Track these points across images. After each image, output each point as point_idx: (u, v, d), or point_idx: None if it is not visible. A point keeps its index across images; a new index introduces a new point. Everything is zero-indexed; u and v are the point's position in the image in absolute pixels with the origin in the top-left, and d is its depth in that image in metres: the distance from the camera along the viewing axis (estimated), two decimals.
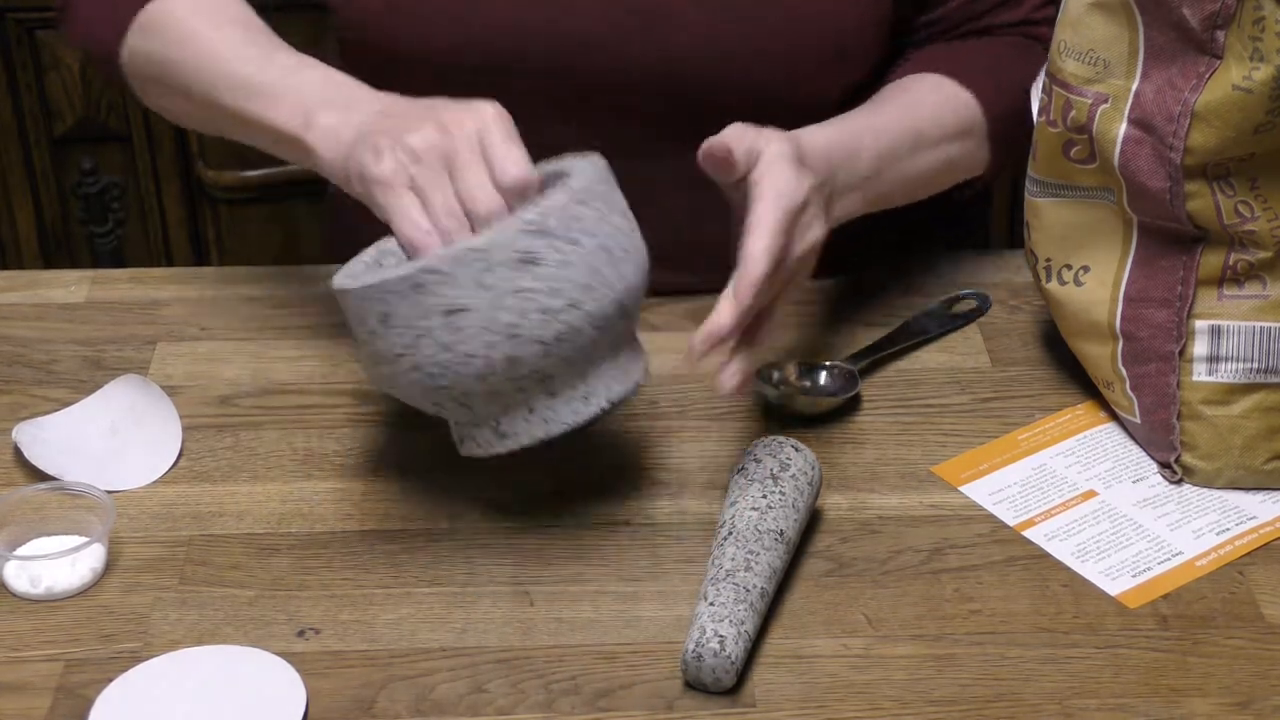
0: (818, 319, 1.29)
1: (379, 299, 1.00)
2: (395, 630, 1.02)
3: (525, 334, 0.99)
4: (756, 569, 1.01)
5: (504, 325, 0.99)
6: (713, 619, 0.97)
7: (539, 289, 0.99)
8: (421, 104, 1.08)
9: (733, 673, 0.97)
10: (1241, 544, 1.08)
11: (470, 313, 0.98)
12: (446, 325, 0.99)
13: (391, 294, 0.99)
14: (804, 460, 1.07)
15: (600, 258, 1.01)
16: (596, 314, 1.01)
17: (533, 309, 0.99)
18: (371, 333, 1.01)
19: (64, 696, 0.97)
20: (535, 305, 0.99)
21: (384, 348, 1.01)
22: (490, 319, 0.99)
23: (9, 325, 1.29)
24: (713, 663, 0.96)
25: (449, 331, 0.99)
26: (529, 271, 0.99)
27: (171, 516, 1.10)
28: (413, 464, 1.15)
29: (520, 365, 1.00)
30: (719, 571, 1.00)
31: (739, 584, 0.99)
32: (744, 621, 0.98)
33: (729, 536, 1.02)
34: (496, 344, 0.99)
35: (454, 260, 0.98)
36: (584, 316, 1.00)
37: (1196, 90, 1.04)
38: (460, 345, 0.99)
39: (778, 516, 1.04)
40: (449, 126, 1.03)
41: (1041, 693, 0.97)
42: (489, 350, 0.99)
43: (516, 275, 0.98)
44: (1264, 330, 1.09)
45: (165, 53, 1.22)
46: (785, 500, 1.05)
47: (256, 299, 1.32)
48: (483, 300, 0.98)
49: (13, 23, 2.02)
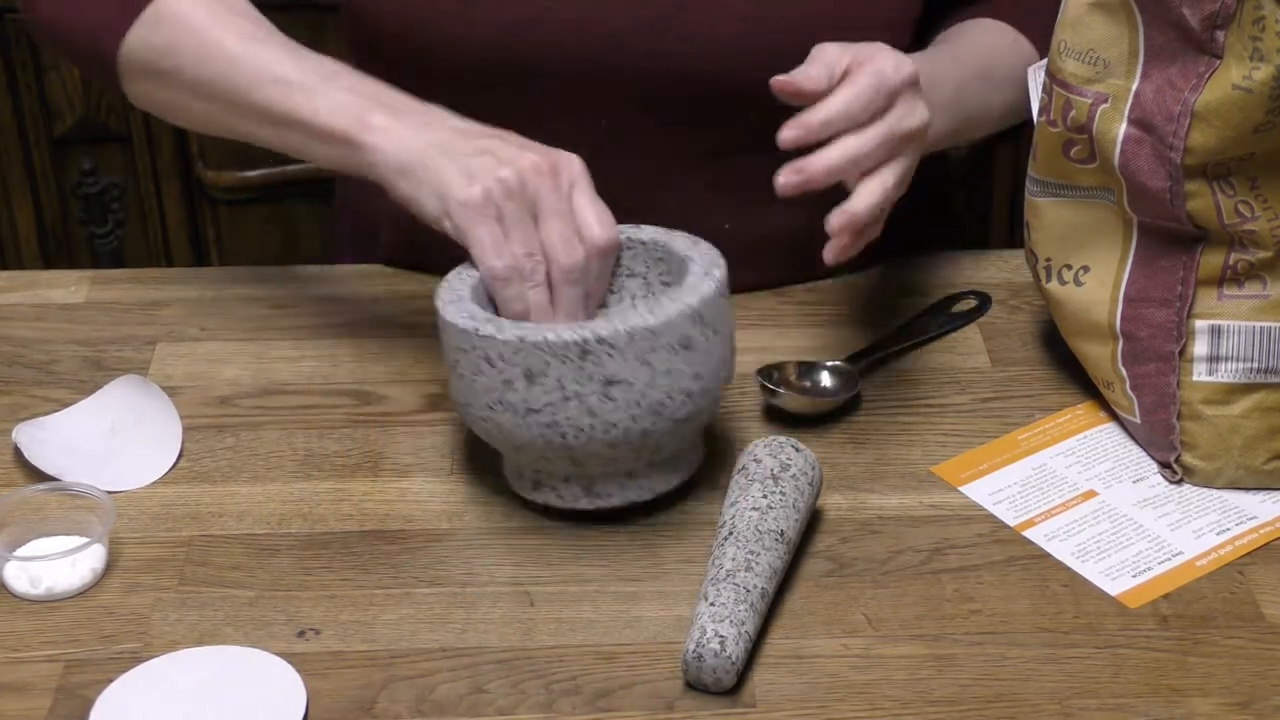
0: (818, 319, 1.29)
1: (535, 355, 1.02)
2: (395, 630, 1.02)
3: (666, 413, 1.05)
4: (757, 569, 1.01)
5: (652, 402, 1.04)
6: (713, 619, 0.97)
7: (686, 372, 1.05)
8: (498, 133, 1.10)
9: (733, 673, 0.97)
10: (1242, 544, 1.08)
11: (627, 386, 1.03)
12: (601, 394, 1.03)
13: (554, 355, 1.01)
14: (804, 460, 1.08)
15: (729, 347, 1.09)
16: (716, 397, 1.09)
17: (678, 390, 1.05)
18: (507, 382, 1.03)
19: (64, 697, 0.97)
20: (680, 387, 1.05)
21: (517, 400, 1.03)
22: (642, 395, 1.03)
23: (9, 326, 1.29)
24: (713, 663, 0.96)
25: (601, 400, 1.03)
26: (683, 355, 1.04)
27: (171, 517, 1.10)
28: (413, 464, 1.15)
29: (648, 438, 1.05)
30: (719, 572, 1.00)
31: (739, 584, 0.99)
32: (744, 622, 0.98)
33: (729, 537, 1.02)
34: (639, 418, 1.04)
35: (627, 336, 1.02)
36: (709, 400, 1.08)
37: (1196, 90, 1.04)
38: (607, 415, 1.03)
39: (778, 517, 1.04)
40: (542, 169, 1.06)
41: (1041, 693, 0.97)
42: (631, 423, 1.04)
43: (673, 357, 1.04)
44: (1264, 330, 1.09)
45: (176, 46, 1.21)
46: (785, 500, 1.05)
47: (256, 299, 1.32)
48: (641, 377, 1.03)
49: (12, 23, 2.02)
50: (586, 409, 1.03)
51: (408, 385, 1.22)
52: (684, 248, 1.11)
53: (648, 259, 1.14)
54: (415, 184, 1.08)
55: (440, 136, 1.09)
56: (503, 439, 1.07)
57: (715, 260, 1.09)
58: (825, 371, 1.21)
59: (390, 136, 1.10)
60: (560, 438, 1.04)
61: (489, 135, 1.10)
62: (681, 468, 1.11)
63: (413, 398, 1.21)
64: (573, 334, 1.02)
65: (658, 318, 1.03)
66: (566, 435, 1.04)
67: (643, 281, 1.14)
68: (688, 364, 1.05)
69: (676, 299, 1.05)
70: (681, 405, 1.05)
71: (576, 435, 1.04)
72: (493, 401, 1.04)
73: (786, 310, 1.30)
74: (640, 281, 1.14)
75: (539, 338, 1.02)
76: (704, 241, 1.12)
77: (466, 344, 1.04)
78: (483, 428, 1.07)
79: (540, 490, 1.09)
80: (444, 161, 1.08)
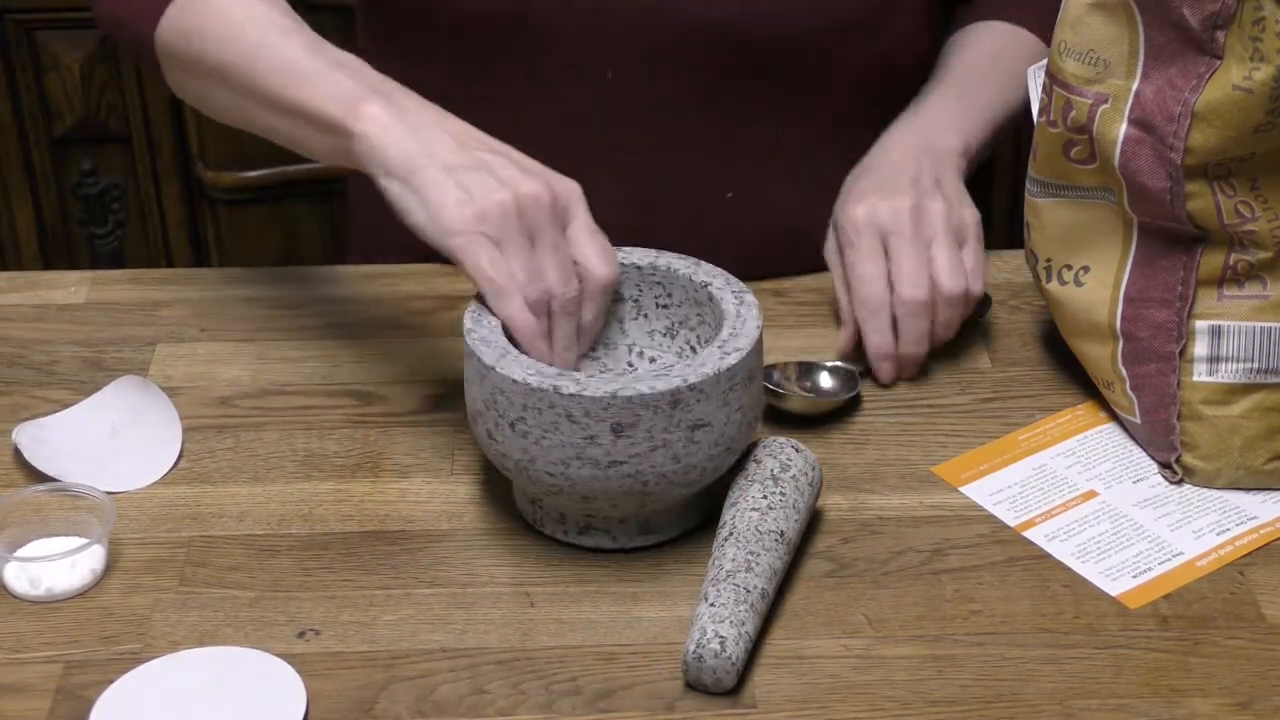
0: (818, 319, 1.29)
1: (625, 409, 0.99)
2: (396, 631, 1.02)
3: (735, 447, 1.05)
4: (757, 570, 1.01)
5: (727, 439, 1.04)
6: (713, 620, 0.97)
7: (749, 404, 1.05)
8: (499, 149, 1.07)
9: (733, 673, 0.96)
10: (1242, 544, 1.08)
11: (709, 429, 1.02)
12: (687, 439, 1.01)
13: (646, 407, 1.00)
14: (804, 461, 1.07)
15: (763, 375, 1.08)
16: (758, 424, 1.07)
17: (743, 423, 1.05)
18: (590, 437, 1.00)
19: (64, 698, 0.97)
20: (745, 419, 1.05)
21: (599, 454, 1.00)
22: (720, 434, 1.03)
23: (9, 326, 1.29)
24: (713, 663, 0.96)
25: (686, 445, 1.02)
26: (749, 388, 1.04)
27: (171, 518, 1.10)
28: (413, 465, 1.15)
29: (713, 474, 1.05)
30: (719, 572, 1.00)
31: (739, 585, 0.99)
32: (744, 622, 0.98)
33: (729, 537, 1.02)
34: (715, 456, 1.04)
35: (714, 379, 1.01)
36: (755, 428, 1.07)
37: (1197, 90, 1.04)
38: (689, 458, 1.02)
39: (778, 517, 1.04)
40: (542, 200, 1.03)
41: (1042, 693, 0.97)
42: (708, 462, 1.03)
43: (743, 392, 1.04)
44: (1264, 330, 1.09)
45: (203, 31, 1.19)
46: (786, 501, 1.05)
47: (256, 300, 1.32)
48: (720, 417, 1.02)
49: (12, 23, 2.02)
50: (672, 456, 1.01)
51: (408, 386, 1.22)
52: (687, 270, 1.10)
53: (640, 283, 1.12)
54: (403, 188, 1.05)
55: (435, 140, 1.06)
56: (570, 493, 1.03)
57: (735, 283, 1.08)
58: (825, 372, 1.21)
59: (381, 127, 1.06)
60: (640, 485, 1.02)
61: (489, 149, 1.07)
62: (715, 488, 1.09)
63: (413, 398, 1.21)
64: (665, 384, 1.00)
65: (733, 357, 1.02)
66: (647, 483, 1.02)
67: (634, 305, 1.12)
68: (750, 395, 1.04)
69: (739, 333, 1.04)
70: (744, 437, 1.05)
71: (658, 481, 1.02)
72: (568, 458, 1.01)
73: (786, 310, 1.30)
74: (631, 305, 1.12)
75: (633, 392, 0.99)
76: (704, 262, 1.10)
77: (541, 403, 1.00)
78: (546, 483, 1.03)
79: (590, 535, 1.07)
80: (437, 173, 1.04)
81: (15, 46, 2.03)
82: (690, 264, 1.11)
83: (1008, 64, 1.29)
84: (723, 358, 1.02)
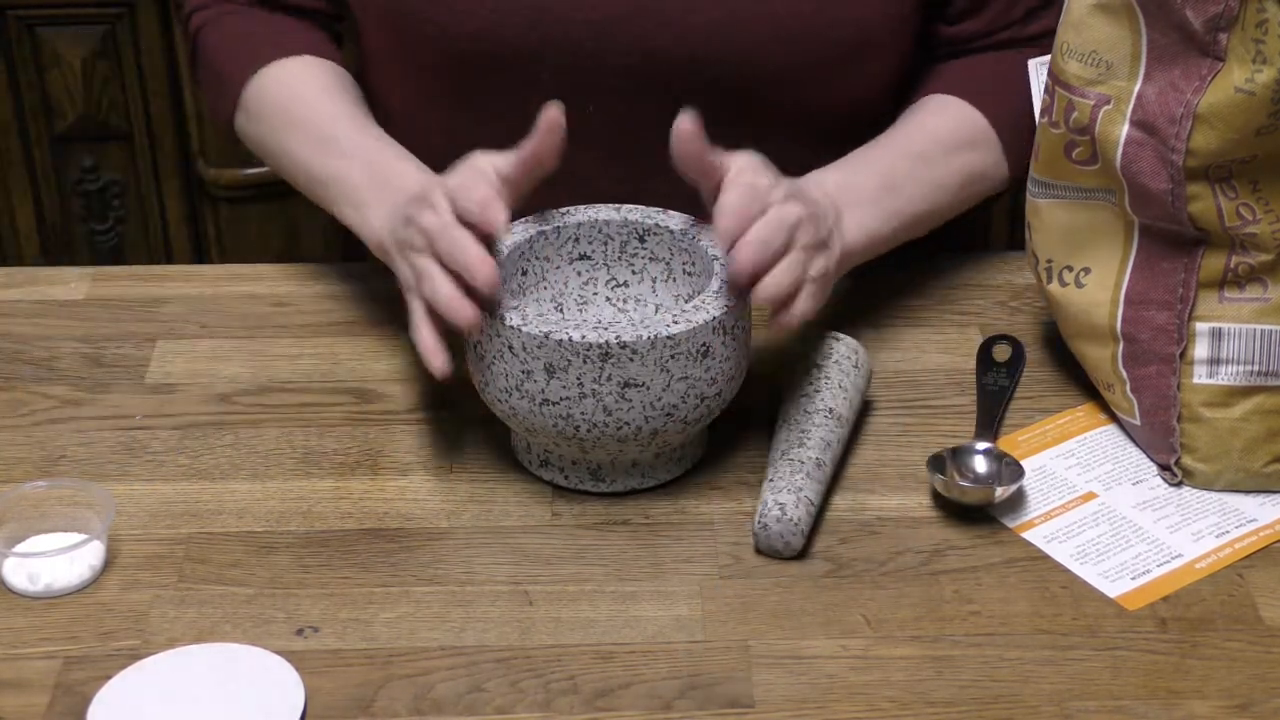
0: (817, 319, 1.29)
1: (557, 351, 1.04)
2: (394, 629, 1.02)
3: (678, 415, 1.07)
4: (809, 444, 1.08)
5: (666, 405, 1.06)
6: (772, 491, 1.05)
7: (703, 378, 1.07)
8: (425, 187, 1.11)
9: (799, 534, 1.04)
10: (1241, 546, 1.08)
11: (643, 389, 1.05)
12: (618, 395, 1.04)
13: (575, 354, 1.03)
14: (846, 347, 1.14)
15: (745, 350, 1.10)
16: (728, 399, 1.10)
17: (693, 394, 1.07)
18: (527, 372, 1.05)
19: (62, 694, 0.97)
20: (696, 391, 1.07)
21: (534, 389, 1.05)
22: (657, 398, 1.05)
23: (9, 322, 1.29)
24: (777, 529, 1.04)
25: (617, 400, 1.05)
26: (702, 362, 1.06)
27: (170, 514, 1.10)
28: (412, 463, 1.15)
29: (658, 437, 1.08)
30: (775, 455, 1.09)
31: (793, 459, 1.07)
32: (801, 488, 1.05)
33: (782, 425, 1.10)
34: (652, 419, 1.06)
35: (650, 343, 1.03)
36: (721, 402, 1.10)
37: (1199, 92, 1.04)
38: (620, 414, 1.05)
39: (824, 396, 1.11)
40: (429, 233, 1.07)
41: (1040, 694, 0.97)
42: (643, 423, 1.06)
43: (691, 364, 1.06)
44: (1265, 333, 1.09)
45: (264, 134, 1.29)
46: (831, 382, 1.12)
47: (256, 297, 1.32)
48: (658, 381, 1.05)
49: (13, 20, 2.02)
50: (602, 406, 1.05)
51: (407, 384, 1.22)
52: (711, 246, 1.12)
53: (673, 246, 1.15)
54: None
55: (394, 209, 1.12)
56: (516, 421, 1.09)
57: None
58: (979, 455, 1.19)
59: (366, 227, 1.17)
60: (574, 430, 1.06)
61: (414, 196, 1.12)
62: (685, 459, 1.13)
63: (412, 396, 1.21)
64: (597, 336, 1.03)
65: (681, 326, 1.04)
66: (580, 428, 1.06)
67: (665, 267, 1.15)
68: (705, 370, 1.06)
69: (701, 307, 1.06)
70: (694, 409, 1.07)
71: (590, 429, 1.06)
72: (510, 388, 1.06)
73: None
74: (663, 267, 1.15)
75: (563, 335, 1.03)
76: None
77: (491, 330, 1.06)
78: (498, 408, 1.09)
79: (547, 468, 1.12)
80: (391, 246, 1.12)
81: (16, 43, 2.03)
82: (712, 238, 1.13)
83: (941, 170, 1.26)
84: (670, 325, 1.04)
